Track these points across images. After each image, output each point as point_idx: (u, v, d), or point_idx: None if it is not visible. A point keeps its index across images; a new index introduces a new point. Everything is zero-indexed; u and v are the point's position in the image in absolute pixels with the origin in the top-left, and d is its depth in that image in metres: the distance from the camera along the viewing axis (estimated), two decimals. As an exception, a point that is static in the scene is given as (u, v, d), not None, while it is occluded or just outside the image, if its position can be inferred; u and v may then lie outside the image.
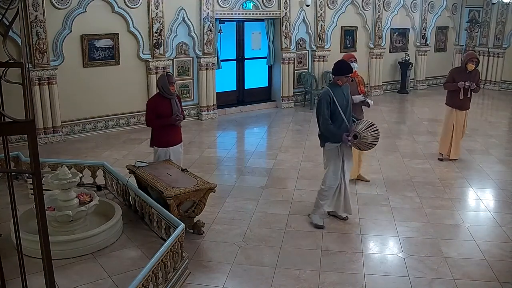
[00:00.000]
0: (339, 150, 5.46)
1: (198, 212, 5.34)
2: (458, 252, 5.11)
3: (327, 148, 5.51)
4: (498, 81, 14.91)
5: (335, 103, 5.31)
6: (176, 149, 6.12)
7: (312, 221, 5.68)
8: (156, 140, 6.02)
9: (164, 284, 4.11)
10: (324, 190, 5.62)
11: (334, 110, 5.34)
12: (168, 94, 5.89)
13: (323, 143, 5.53)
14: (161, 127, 5.90)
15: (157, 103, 5.90)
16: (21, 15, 3.03)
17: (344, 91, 5.45)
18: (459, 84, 7.62)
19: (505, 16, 14.53)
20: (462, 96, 7.70)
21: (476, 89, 7.75)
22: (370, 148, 5.45)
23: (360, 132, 5.26)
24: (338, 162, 5.50)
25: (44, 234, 2.28)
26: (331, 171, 5.54)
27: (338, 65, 5.43)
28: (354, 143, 5.33)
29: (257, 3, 11.36)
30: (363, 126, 5.31)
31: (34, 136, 2.15)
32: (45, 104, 8.90)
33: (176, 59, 10.46)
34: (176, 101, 6.00)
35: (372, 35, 13.64)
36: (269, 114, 11.73)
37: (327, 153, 5.55)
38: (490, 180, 7.29)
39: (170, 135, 6.00)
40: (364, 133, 5.27)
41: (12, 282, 3.67)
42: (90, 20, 9.18)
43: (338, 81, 5.38)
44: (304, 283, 4.51)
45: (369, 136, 5.29)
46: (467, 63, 7.67)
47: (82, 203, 5.05)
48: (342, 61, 5.59)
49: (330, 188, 5.58)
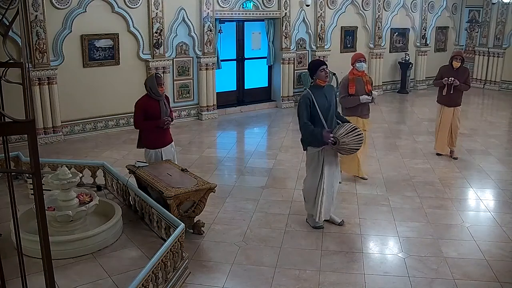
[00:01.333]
0: (320, 155, 5.35)
1: (198, 212, 5.34)
2: (458, 252, 5.11)
3: (309, 152, 5.44)
4: (498, 81, 14.90)
5: (315, 106, 5.20)
6: (167, 150, 6.06)
7: (310, 224, 5.66)
8: (145, 141, 5.95)
9: (164, 284, 4.11)
10: (304, 191, 5.64)
11: (315, 113, 5.22)
12: (156, 96, 5.79)
13: (305, 147, 5.47)
14: (150, 128, 5.82)
15: (146, 105, 5.77)
16: (21, 15, 3.03)
17: (327, 93, 5.31)
18: (443, 80, 7.80)
19: (505, 16, 14.52)
20: (445, 92, 7.84)
21: (463, 87, 7.86)
22: (351, 153, 5.35)
23: (339, 137, 5.10)
24: (318, 167, 5.38)
25: (44, 234, 2.28)
26: (310, 175, 5.50)
27: (310, 64, 5.47)
28: (334, 148, 5.20)
29: (257, 3, 11.36)
30: (344, 131, 5.11)
31: (34, 136, 2.14)
32: (45, 104, 8.90)
33: (176, 59, 10.46)
34: (164, 102, 5.91)
35: (372, 35, 13.64)
36: (269, 114, 11.73)
37: (308, 157, 5.48)
38: (490, 180, 7.29)
39: (160, 136, 5.92)
40: (344, 139, 5.08)
41: (12, 282, 3.67)
42: (90, 20, 9.18)
43: (317, 80, 5.27)
44: (304, 283, 4.51)
45: (349, 141, 5.10)
46: (452, 61, 7.85)
47: (82, 203, 5.05)
48: (312, 60, 5.58)
49: (308, 191, 5.54)
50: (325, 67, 5.30)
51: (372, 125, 7.86)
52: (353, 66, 6.86)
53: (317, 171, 5.40)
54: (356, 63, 6.81)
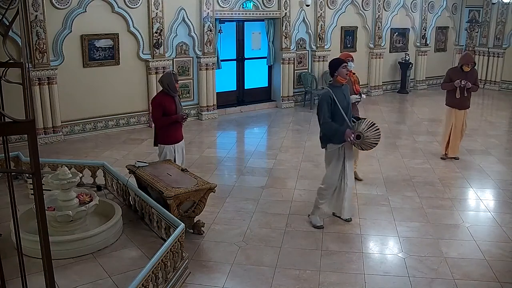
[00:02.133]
0: (340, 151, 5.44)
1: (198, 212, 5.34)
2: (458, 252, 5.11)
3: (328, 149, 5.48)
4: (498, 81, 14.90)
5: (336, 104, 5.26)
6: (180, 146, 6.22)
7: (311, 221, 5.68)
8: (162, 138, 6.08)
9: (164, 284, 4.11)
10: (323, 189, 5.62)
11: (336, 111, 5.28)
12: (173, 92, 5.97)
13: (325, 145, 5.50)
14: (168, 124, 5.96)
15: (163, 101, 5.95)
16: (21, 15, 3.03)
17: (345, 91, 5.44)
18: (455, 83, 7.67)
19: (505, 16, 14.52)
20: (458, 95, 7.74)
21: (473, 88, 7.78)
22: (371, 147, 5.44)
23: (363, 132, 5.25)
24: (339, 163, 5.48)
25: (44, 234, 2.28)
26: (330, 171, 5.53)
27: (331, 63, 5.49)
28: (357, 143, 5.31)
29: (257, 3, 11.36)
30: (365, 126, 5.28)
31: (34, 136, 2.14)
32: (45, 104, 8.90)
33: (176, 59, 10.46)
34: (179, 98, 6.14)
35: (372, 35, 13.64)
36: (269, 114, 11.73)
37: (329, 154, 5.51)
38: (490, 180, 7.29)
39: (175, 132, 6.09)
40: (367, 133, 5.26)
41: (12, 282, 3.67)
42: (90, 20, 9.18)
43: (338, 77, 5.33)
44: (304, 283, 4.51)
45: (371, 136, 5.28)
46: (462, 66, 7.73)
47: (82, 203, 5.05)
48: (333, 58, 5.65)
49: (328, 188, 5.57)
50: (346, 64, 5.39)
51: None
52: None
53: (338, 168, 5.49)
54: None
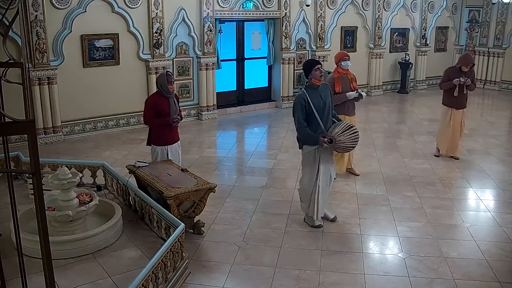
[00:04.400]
0: (316, 154, 5.38)
1: (198, 212, 5.34)
2: (458, 252, 5.11)
3: (304, 151, 5.47)
4: (498, 81, 14.90)
5: (311, 106, 5.23)
6: (174, 148, 6.15)
7: (308, 223, 5.66)
8: (154, 138, 6.05)
9: (164, 284, 4.11)
10: (300, 191, 5.64)
11: (310, 113, 5.25)
12: (166, 93, 5.91)
13: (301, 146, 5.50)
14: (159, 125, 5.93)
15: (156, 102, 5.92)
16: (21, 15, 3.03)
17: (322, 93, 5.34)
18: (454, 81, 7.64)
19: (505, 16, 14.52)
20: (456, 93, 7.72)
21: (471, 87, 7.77)
22: (348, 151, 5.48)
23: (335, 136, 5.18)
24: (314, 165, 5.41)
25: (44, 234, 2.28)
26: (307, 173, 5.51)
27: (304, 64, 5.48)
28: (330, 147, 5.28)
29: (257, 3, 11.36)
30: (339, 130, 5.21)
31: (34, 136, 2.14)
32: (45, 104, 8.90)
33: (176, 59, 10.46)
34: (174, 100, 6.02)
35: (372, 35, 13.63)
36: (269, 114, 11.73)
37: (305, 156, 5.50)
38: (490, 180, 7.29)
39: (168, 133, 6.03)
40: (340, 137, 5.18)
41: (12, 282, 3.67)
42: (90, 20, 9.18)
43: (312, 80, 5.31)
44: (304, 283, 4.51)
45: (345, 139, 5.20)
46: (461, 67, 7.70)
47: (82, 203, 5.05)
48: (306, 60, 5.66)
49: (305, 190, 5.54)
50: (320, 66, 5.33)
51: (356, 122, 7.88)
52: (337, 65, 6.98)
53: (314, 170, 5.43)
54: (342, 61, 6.92)
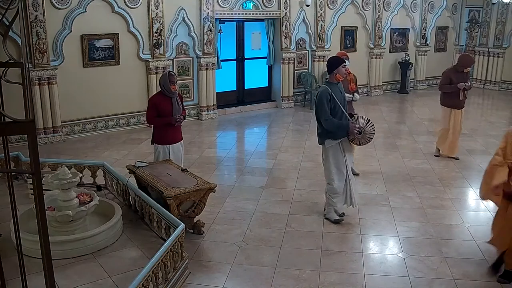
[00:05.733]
0: (340, 146, 5.55)
1: (198, 212, 5.34)
2: (458, 252, 5.11)
3: (327, 145, 5.55)
4: (498, 81, 14.90)
5: (335, 99, 5.42)
6: (176, 147, 6.17)
7: (329, 218, 5.72)
8: (156, 137, 6.09)
9: (164, 284, 4.11)
10: (333, 188, 5.62)
11: (334, 106, 5.45)
12: (168, 93, 5.93)
13: (323, 141, 5.58)
14: (161, 125, 5.95)
15: (158, 101, 5.95)
16: (21, 15, 3.03)
17: (340, 88, 5.64)
18: (459, 85, 7.71)
19: (505, 16, 14.52)
20: (462, 96, 7.83)
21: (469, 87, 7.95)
22: (368, 142, 5.68)
23: (364, 127, 5.50)
24: (340, 157, 5.58)
25: (44, 234, 2.28)
26: (334, 167, 5.57)
27: (329, 61, 5.66)
28: (358, 138, 5.53)
29: (257, 3, 11.36)
30: (363, 121, 5.54)
31: (34, 136, 2.14)
32: (45, 104, 8.90)
33: (176, 59, 10.46)
34: (177, 100, 6.05)
35: (372, 35, 13.63)
36: (269, 114, 11.73)
37: (328, 150, 5.57)
38: (490, 180, 7.28)
39: (171, 133, 6.06)
40: (366, 128, 5.52)
41: (12, 282, 3.67)
42: (90, 20, 9.18)
43: (337, 75, 5.51)
44: (304, 283, 4.51)
45: (370, 130, 5.55)
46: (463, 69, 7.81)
47: (82, 203, 5.05)
48: (331, 56, 5.85)
49: (339, 186, 5.61)
50: (345, 64, 5.66)
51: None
52: None
53: (341, 162, 5.59)
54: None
